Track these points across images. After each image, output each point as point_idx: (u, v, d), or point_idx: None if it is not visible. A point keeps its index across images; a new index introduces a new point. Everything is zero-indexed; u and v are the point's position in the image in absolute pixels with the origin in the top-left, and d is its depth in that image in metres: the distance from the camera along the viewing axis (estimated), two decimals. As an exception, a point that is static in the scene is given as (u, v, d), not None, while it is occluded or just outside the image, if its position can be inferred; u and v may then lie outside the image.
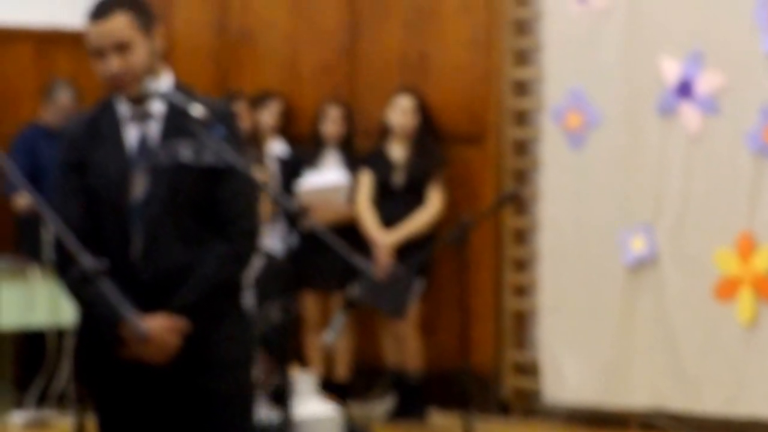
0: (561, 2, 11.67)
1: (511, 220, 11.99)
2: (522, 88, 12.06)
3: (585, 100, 11.52)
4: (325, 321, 11.28)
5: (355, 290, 7.95)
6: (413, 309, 11.17)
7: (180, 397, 5.88)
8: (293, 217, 6.07)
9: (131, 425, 6.00)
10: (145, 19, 5.93)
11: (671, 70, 11.20)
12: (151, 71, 5.92)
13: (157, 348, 5.73)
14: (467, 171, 12.08)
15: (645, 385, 11.35)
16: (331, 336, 11.15)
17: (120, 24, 5.87)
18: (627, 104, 11.38)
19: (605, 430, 11.42)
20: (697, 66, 11.10)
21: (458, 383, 9.98)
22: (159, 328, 5.72)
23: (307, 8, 12.93)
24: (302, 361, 6.93)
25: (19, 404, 12.05)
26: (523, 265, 12.09)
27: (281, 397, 6.24)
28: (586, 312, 11.56)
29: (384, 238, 11.63)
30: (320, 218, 6.38)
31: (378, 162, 11.85)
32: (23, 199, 11.58)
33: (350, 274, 9.76)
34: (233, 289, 6.14)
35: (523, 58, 12.07)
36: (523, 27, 12.07)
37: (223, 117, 6.00)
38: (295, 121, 12.51)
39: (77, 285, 5.77)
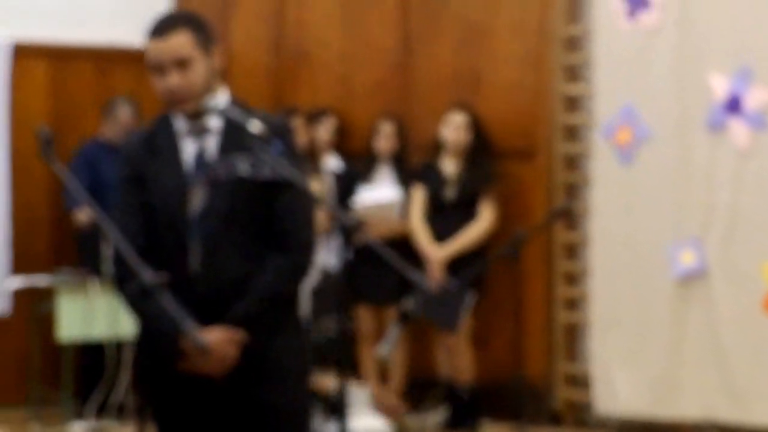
0: (611, 19, 11.69)
1: (562, 235, 11.97)
2: (572, 104, 12.06)
3: (635, 116, 11.53)
4: (379, 334, 11.31)
5: (408, 304, 7.98)
6: (466, 322, 11.19)
7: (237, 408, 5.95)
8: (349, 231, 6.12)
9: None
10: (205, 37, 5.99)
11: (720, 86, 11.21)
12: (209, 88, 5.98)
13: (216, 360, 5.78)
14: (518, 186, 12.07)
15: (695, 398, 11.36)
16: (385, 349, 11.20)
17: (180, 41, 5.93)
18: (676, 120, 11.39)
19: (658, 442, 11.43)
20: (745, 82, 11.10)
21: (511, 395, 10.01)
22: (218, 340, 5.76)
23: (361, 27, 12.95)
24: (357, 373, 6.96)
25: (79, 415, 12.09)
26: (574, 279, 12.08)
27: (337, 409, 6.27)
28: (637, 325, 11.56)
29: (436, 253, 11.63)
30: (374, 233, 6.40)
31: (430, 177, 11.86)
32: (84, 214, 11.63)
33: (404, 287, 9.77)
34: (290, 301, 6.19)
35: (574, 74, 12.07)
36: (574, 44, 12.07)
37: (280, 132, 6.03)
38: (349, 136, 12.51)
39: (137, 298, 5.80)
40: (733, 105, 11.17)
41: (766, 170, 11.02)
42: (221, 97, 6.02)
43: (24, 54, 12.93)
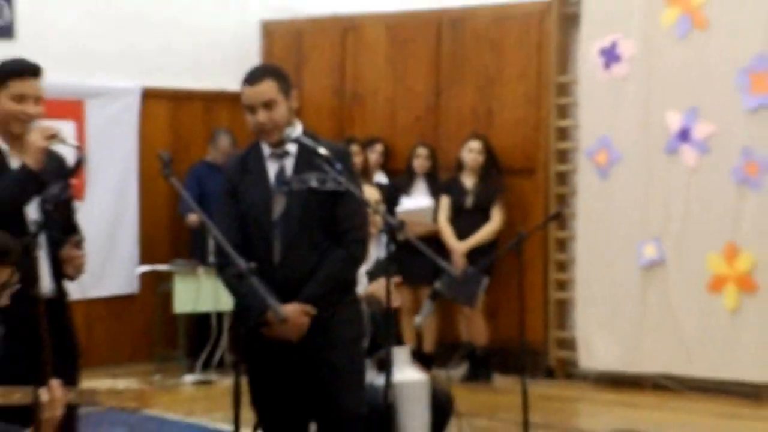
0: (591, 71, 11.66)
1: (555, 233, 11.93)
2: (563, 134, 12.01)
3: (609, 143, 11.51)
4: (416, 308, 11.30)
5: (438, 285, 7.96)
6: (481, 299, 11.16)
7: (307, 366, 6.01)
8: (393, 230, 6.09)
9: (272, 386, 6.11)
10: (285, 85, 6.09)
11: (674, 121, 11.17)
12: (288, 122, 6.05)
13: (292, 328, 5.88)
14: (521, 196, 12.05)
15: (655, 356, 11.33)
16: (420, 319, 11.17)
17: (267, 88, 6.03)
18: (641, 146, 11.36)
19: (625, 390, 11.36)
20: (693, 118, 11.06)
21: (515, 355, 9.98)
22: (293, 313, 5.84)
23: (402, 76, 12.89)
24: (399, 338, 6.95)
25: (190, 369, 12.09)
26: (563, 266, 12.05)
27: (384, 365, 6.23)
28: (611, 301, 11.54)
29: (459, 246, 11.62)
30: (412, 231, 6.42)
31: (454, 189, 11.83)
32: (193, 217, 11.65)
33: (434, 272, 9.77)
34: (348, 284, 6.27)
35: (564, 112, 12.02)
36: (564, 89, 12.02)
37: (341, 156, 6.13)
38: (393, 159, 12.48)
39: (233, 281, 5.93)
40: (684, 135, 11.13)
41: (709, 184, 10.99)
42: (296, 129, 6.09)
43: (150, 96, 12.93)
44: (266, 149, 6.08)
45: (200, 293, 12.00)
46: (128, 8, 12.61)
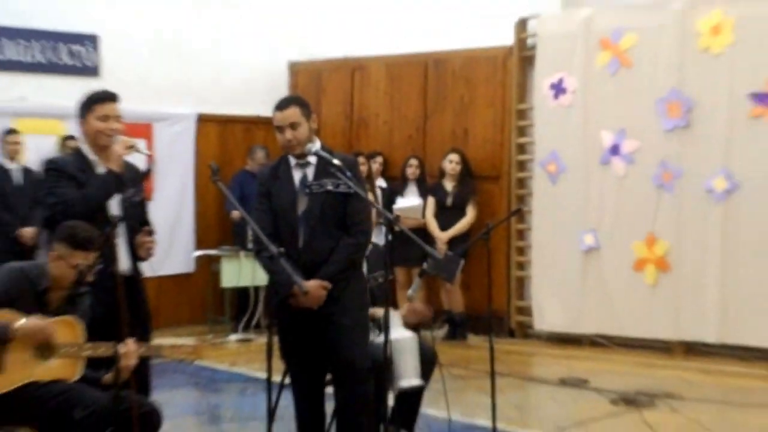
0: (543, 100, 11.65)
1: (515, 225, 11.91)
2: (522, 149, 12.00)
3: (558, 156, 11.51)
4: (408, 284, 11.31)
5: (425, 266, 7.98)
6: (458, 276, 11.18)
7: (324, 327, 6.02)
8: (390, 223, 6.12)
9: (296, 343, 6.12)
10: (307, 111, 6.13)
11: (607, 139, 11.18)
12: (309, 139, 6.07)
13: (312, 298, 5.91)
14: (490, 197, 12.03)
15: (592, 319, 11.35)
16: (412, 292, 11.16)
17: (293, 113, 6.06)
18: (582, 159, 11.36)
19: (568, 346, 11.37)
20: (622, 137, 11.08)
21: (485, 319, 10.01)
22: (314, 287, 5.87)
23: (398, 104, 12.85)
24: (395, 306, 6.97)
25: (234, 330, 12.10)
26: (522, 251, 12.03)
27: (382, 327, 6.26)
28: (558, 278, 11.57)
29: (441, 235, 11.62)
30: (405, 224, 6.44)
31: (437, 191, 11.83)
32: (236, 213, 11.62)
33: (423, 256, 9.79)
34: (356, 265, 6.28)
35: (523, 132, 12.00)
36: (523, 114, 12.00)
37: (350, 165, 6.17)
38: (390, 168, 12.47)
39: (267, 262, 5.97)
40: (615, 150, 11.14)
41: (634, 188, 11.01)
42: (316, 145, 6.11)
43: (203, 120, 12.93)
44: (292, 160, 6.11)
45: (241, 272, 12.03)
46: (186, 52, 12.64)
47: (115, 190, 5.79)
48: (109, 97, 5.98)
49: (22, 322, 5.19)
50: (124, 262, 5.86)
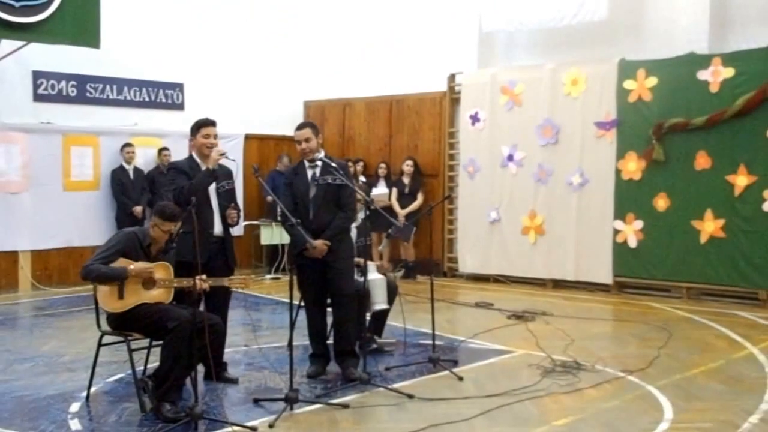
0: (465, 126, 11.63)
1: (447, 206, 11.91)
2: (452, 157, 12.00)
3: (474, 161, 11.53)
4: (379, 243, 11.34)
5: (390, 231, 8.00)
6: (412, 237, 11.16)
7: (325, 269, 6.04)
8: (368, 204, 6.15)
9: (308, 279, 6.13)
10: (316, 130, 6.19)
11: (505, 151, 11.21)
12: (317, 150, 6.08)
13: (318, 251, 5.94)
14: (432, 187, 12.00)
15: (495, 265, 11.40)
16: (382, 248, 11.16)
17: (307, 131, 6.14)
18: (489, 163, 11.37)
19: (480, 282, 11.41)
20: (515, 150, 11.11)
21: (428, 265, 10.06)
22: (319, 244, 5.90)
23: (373, 128, 12.83)
24: (371, 258, 7.02)
25: (269, 272, 12.10)
26: (452, 222, 12.04)
27: (363, 271, 6.28)
28: (474, 240, 11.58)
29: (401, 212, 11.61)
30: (378, 205, 6.48)
31: (399, 184, 11.83)
32: (270, 198, 11.61)
33: (389, 225, 9.79)
34: (346, 230, 6.30)
35: (452, 146, 12.00)
36: (453, 135, 11.98)
37: (343, 167, 6.24)
38: (368, 169, 12.45)
39: (290, 228, 6.02)
40: (510, 158, 11.20)
41: (522, 182, 11.04)
42: (321, 153, 6.15)
43: (249, 138, 12.85)
44: (306, 163, 6.12)
45: (273, 234, 12.03)
46: (239, 93, 12.59)
47: (210, 181, 5.79)
48: (210, 123, 6.01)
49: (133, 266, 5.23)
50: (218, 227, 5.91)
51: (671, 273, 9.92)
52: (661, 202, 9.95)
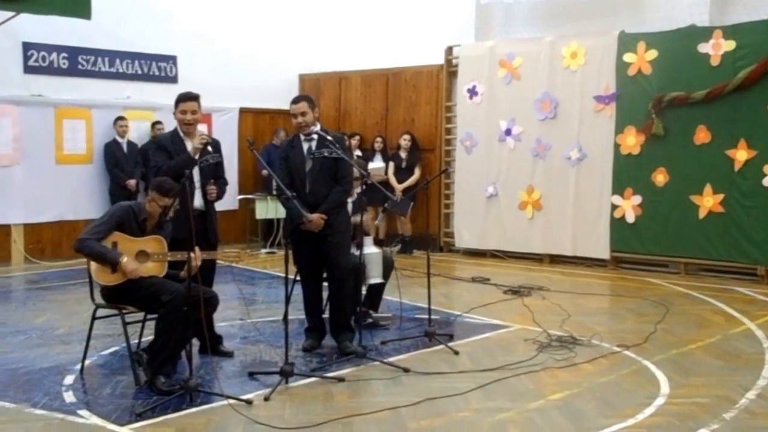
0: (463, 99, 11.61)
1: (444, 180, 11.94)
2: (449, 131, 11.99)
3: (472, 135, 11.52)
4: (376, 217, 11.35)
5: (387, 205, 7.97)
6: (409, 211, 11.19)
7: (322, 242, 6.03)
8: (364, 177, 6.14)
9: (304, 253, 6.14)
10: (312, 104, 6.14)
11: (503, 125, 11.20)
12: (313, 123, 6.07)
13: (314, 225, 5.97)
14: (428, 161, 12.00)
15: (492, 240, 11.42)
16: (378, 222, 11.18)
17: (302, 105, 6.10)
18: (487, 137, 11.37)
19: (477, 257, 11.45)
20: (513, 124, 11.11)
21: (425, 239, 10.09)
22: (315, 217, 5.92)
23: (369, 101, 12.81)
24: (366, 232, 7.00)
25: (264, 246, 12.11)
26: (448, 196, 12.04)
27: (359, 244, 6.30)
28: (471, 213, 11.60)
29: (398, 186, 11.56)
30: (374, 179, 6.48)
31: (396, 158, 11.79)
32: (264, 171, 11.58)
33: (385, 199, 9.78)
34: (343, 204, 6.28)
35: (450, 120, 11.98)
36: (450, 109, 11.94)
37: (339, 140, 6.22)
38: (365, 143, 12.44)
39: (285, 201, 6.03)
40: (508, 132, 11.18)
41: (520, 156, 11.04)
42: (317, 126, 6.11)
43: (243, 112, 12.85)
44: (302, 137, 6.09)
45: (269, 208, 12.04)
46: (233, 66, 12.52)
47: (190, 166, 5.70)
48: (188, 98, 5.91)
49: (125, 259, 5.22)
50: (198, 201, 5.86)
51: (669, 248, 9.95)
52: (660, 177, 9.96)
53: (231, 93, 12.53)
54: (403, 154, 11.86)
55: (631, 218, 10.19)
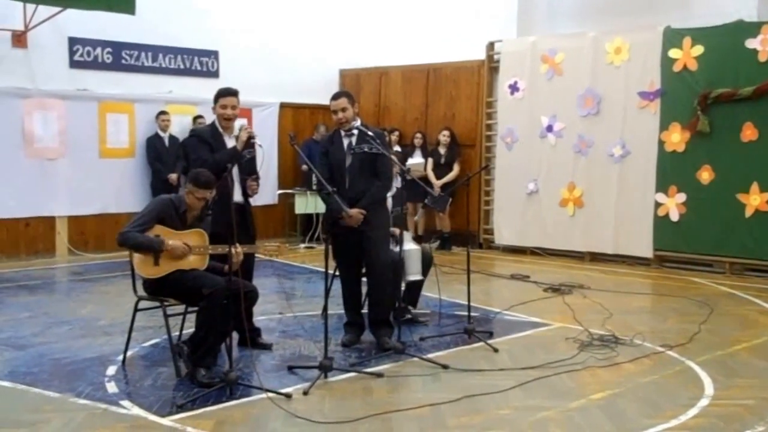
0: (504, 95, 11.58)
1: (484, 176, 11.90)
2: (489, 127, 11.94)
3: (513, 131, 11.47)
4: (415, 213, 11.37)
5: (426, 201, 7.95)
6: (447, 208, 11.19)
7: (361, 238, 6.04)
8: (404, 173, 6.13)
9: (343, 248, 6.16)
10: (352, 99, 6.16)
11: (544, 121, 11.14)
12: (353, 119, 6.07)
13: (354, 219, 5.97)
14: (468, 157, 11.98)
15: (532, 237, 11.36)
16: (417, 218, 11.18)
17: (343, 101, 6.10)
18: (528, 134, 11.32)
19: (516, 254, 11.39)
20: (554, 120, 11.03)
21: (464, 236, 10.06)
22: (355, 212, 5.91)
23: (409, 97, 12.81)
24: (406, 227, 6.96)
25: (303, 241, 12.18)
26: (488, 193, 12.01)
27: (398, 240, 6.29)
28: (511, 210, 11.55)
29: (437, 182, 11.57)
30: (414, 174, 6.46)
31: (435, 154, 11.79)
32: (305, 167, 11.63)
33: (425, 194, 9.78)
34: (382, 199, 6.29)
35: (490, 116, 11.94)
36: (490, 104, 11.91)
37: (380, 136, 6.22)
38: (404, 139, 12.44)
39: (325, 197, 6.04)
40: (549, 128, 11.12)
41: (561, 153, 10.99)
42: (357, 122, 6.13)
43: (283, 107, 12.90)
44: (342, 132, 6.11)
45: (308, 203, 12.09)
46: (274, 61, 12.55)
47: (234, 161, 5.73)
48: (229, 93, 5.97)
49: (171, 241, 5.28)
50: (238, 196, 5.90)
51: (714, 247, 9.81)
52: (705, 175, 9.81)
53: (271, 88, 12.59)
54: (442, 150, 11.82)
55: (675, 216, 10.05)
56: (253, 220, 6.09)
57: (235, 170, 5.87)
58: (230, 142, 5.94)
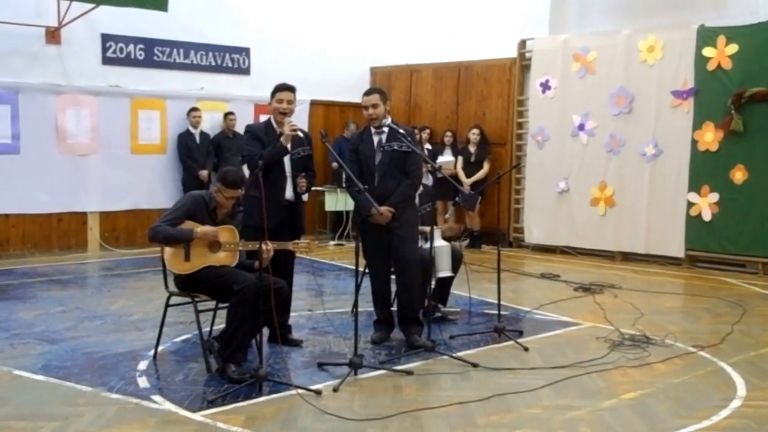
0: (535, 93, 11.54)
1: (515, 175, 11.86)
2: (520, 125, 11.92)
3: (543, 130, 11.43)
4: (445, 211, 11.36)
5: (457, 199, 7.94)
6: (477, 206, 11.17)
7: (390, 235, 6.04)
8: (434, 171, 6.13)
9: (373, 246, 6.15)
10: (384, 97, 6.15)
11: (576, 120, 11.08)
12: (384, 116, 6.09)
13: (383, 217, 5.97)
14: (499, 156, 11.96)
15: (562, 236, 11.30)
16: (448, 216, 11.17)
17: (374, 97, 6.12)
18: (559, 132, 11.27)
19: (546, 253, 11.33)
20: (586, 119, 10.97)
21: (494, 234, 10.04)
22: (384, 210, 5.92)
23: (440, 95, 12.81)
24: (436, 225, 7.01)
25: (333, 238, 12.21)
26: (519, 191, 11.97)
27: (428, 238, 6.29)
28: (542, 209, 11.50)
29: (467, 181, 11.57)
30: (445, 173, 6.46)
31: (465, 152, 11.78)
32: (335, 164, 11.67)
33: (455, 193, 9.77)
34: (411, 197, 6.30)
35: (521, 114, 11.91)
36: (522, 103, 11.88)
37: (410, 133, 6.20)
38: (435, 136, 12.44)
39: (355, 194, 6.06)
40: (581, 127, 11.06)
41: (593, 152, 10.93)
42: (388, 119, 6.14)
43: (314, 104, 12.92)
44: (372, 129, 6.12)
45: (338, 200, 12.13)
46: (305, 59, 12.54)
47: (282, 155, 5.79)
48: (285, 88, 6.05)
49: (199, 229, 5.33)
50: (289, 193, 5.95)
51: (747, 248, 9.70)
52: (739, 175, 9.71)
53: (302, 85, 12.30)
54: (472, 149, 11.80)
55: (707, 216, 9.96)
56: (303, 216, 6.16)
57: (287, 166, 5.93)
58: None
